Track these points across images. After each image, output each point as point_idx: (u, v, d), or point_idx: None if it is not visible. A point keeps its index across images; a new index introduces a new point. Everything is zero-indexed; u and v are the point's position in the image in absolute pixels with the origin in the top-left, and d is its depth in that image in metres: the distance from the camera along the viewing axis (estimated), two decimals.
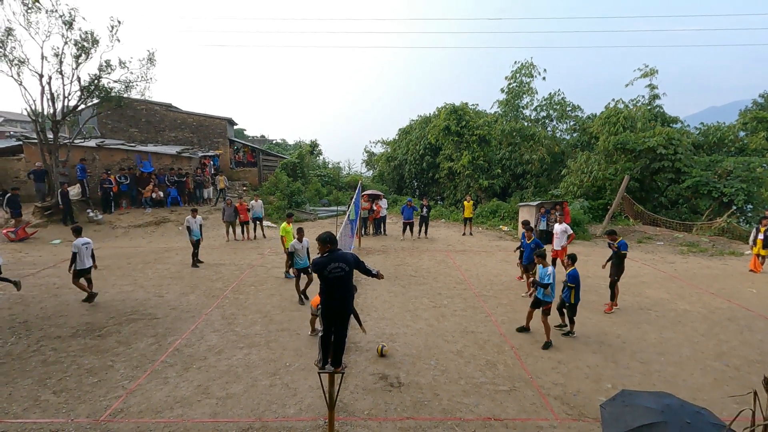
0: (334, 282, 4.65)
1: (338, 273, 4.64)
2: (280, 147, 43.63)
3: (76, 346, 7.24)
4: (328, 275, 4.65)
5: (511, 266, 12.68)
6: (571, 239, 11.23)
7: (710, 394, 6.03)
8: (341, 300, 4.71)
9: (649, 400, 3.84)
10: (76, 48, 15.49)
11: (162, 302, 9.30)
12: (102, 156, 18.91)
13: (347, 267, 4.68)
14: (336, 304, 4.70)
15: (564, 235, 11.13)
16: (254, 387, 6.06)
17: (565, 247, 11.15)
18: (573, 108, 28.05)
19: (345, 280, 4.67)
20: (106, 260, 12.61)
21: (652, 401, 3.78)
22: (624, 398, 3.95)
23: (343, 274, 4.66)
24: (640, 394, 4.06)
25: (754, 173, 18.39)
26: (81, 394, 5.84)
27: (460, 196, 24.70)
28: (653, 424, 3.33)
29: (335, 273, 4.63)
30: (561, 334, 7.87)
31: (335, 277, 4.64)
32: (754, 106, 35.35)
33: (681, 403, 3.68)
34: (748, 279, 11.59)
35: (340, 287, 4.68)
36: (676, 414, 3.45)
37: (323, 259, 4.71)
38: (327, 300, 4.73)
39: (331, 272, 4.63)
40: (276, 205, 20.44)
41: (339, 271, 4.64)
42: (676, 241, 16.28)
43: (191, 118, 24.18)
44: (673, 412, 3.46)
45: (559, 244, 11.18)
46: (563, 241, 11.12)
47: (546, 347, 7.33)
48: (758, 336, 7.95)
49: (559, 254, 11.12)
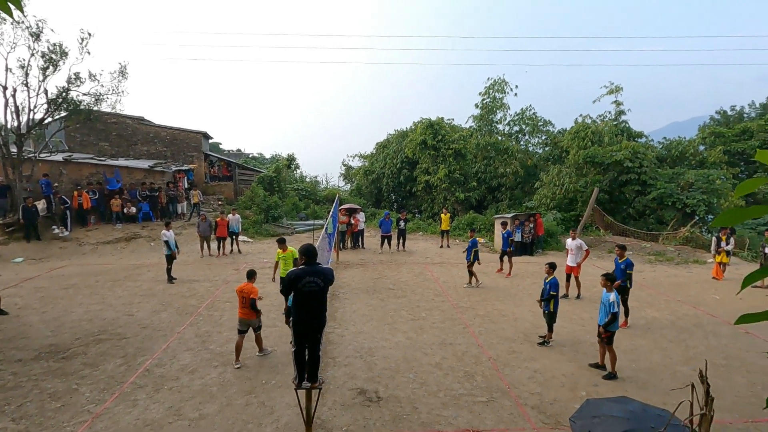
0: (308, 296, 4.61)
1: (312, 287, 4.59)
2: (257, 161, 43.18)
3: (39, 369, 6.88)
4: (302, 288, 4.60)
5: (488, 277, 12.84)
6: (586, 255, 10.72)
7: (680, 399, 6.21)
8: (313, 315, 4.64)
9: (613, 409, 4.03)
10: (44, 60, 15.07)
11: (132, 321, 8.97)
12: (69, 170, 18.25)
13: (322, 282, 4.63)
14: (308, 317, 4.64)
15: (579, 252, 10.60)
16: (229, 406, 5.89)
17: (579, 264, 10.70)
18: (544, 123, 28.97)
19: (318, 295, 4.63)
20: (73, 278, 12.10)
21: (616, 409, 3.98)
22: (590, 409, 4.12)
23: (317, 289, 4.61)
24: (603, 402, 4.28)
25: (714, 185, 19.38)
26: (43, 420, 5.54)
27: (437, 209, 24.96)
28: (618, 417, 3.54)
29: (309, 287, 4.59)
30: (537, 344, 7.98)
31: (309, 291, 4.59)
32: (712, 122, 37.46)
33: (643, 407, 3.92)
34: (712, 286, 12.10)
35: (313, 301, 4.62)
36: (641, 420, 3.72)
37: (299, 271, 4.67)
38: (298, 313, 4.67)
39: (305, 285, 4.59)
40: (253, 219, 20.15)
41: (313, 286, 4.59)
42: (644, 250, 16.87)
43: (165, 131, 23.71)
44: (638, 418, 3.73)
45: (575, 261, 10.63)
46: (578, 258, 10.61)
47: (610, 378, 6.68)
48: (723, 341, 8.28)
49: (574, 270, 10.70)
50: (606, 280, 6.97)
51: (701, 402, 3.34)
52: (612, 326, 6.65)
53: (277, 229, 20.25)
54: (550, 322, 7.87)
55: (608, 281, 6.95)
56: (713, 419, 3.31)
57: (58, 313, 9.36)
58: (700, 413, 3.29)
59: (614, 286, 9.30)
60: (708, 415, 3.25)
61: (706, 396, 3.29)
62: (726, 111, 37.68)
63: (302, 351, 4.78)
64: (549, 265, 8.00)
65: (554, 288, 7.69)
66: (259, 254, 15.70)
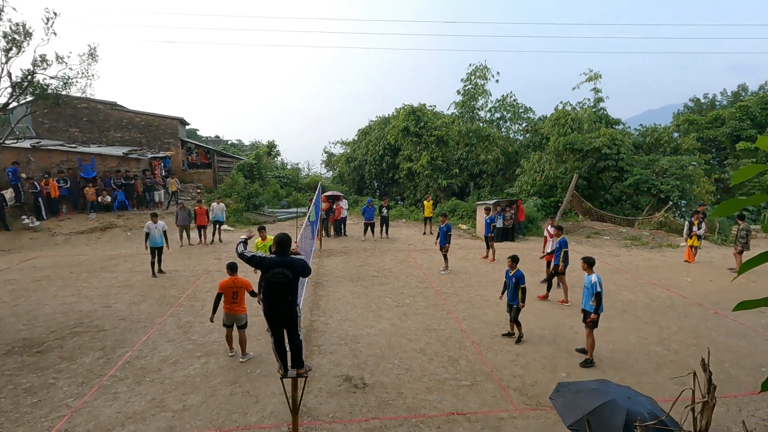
0: (275, 287, 4.57)
1: (280, 278, 4.54)
2: (236, 148, 42.30)
3: (12, 364, 6.67)
4: (269, 278, 4.57)
5: (471, 263, 13.01)
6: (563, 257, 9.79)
7: (654, 378, 6.47)
8: (280, 304, 4.60)
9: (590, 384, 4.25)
10: (6, 41, 14.23)
11: (110, 313, 8.75)
12: (38, 158, 17.51)
13: (291, 274, 4.57)
14: (274, 306, 4.61)
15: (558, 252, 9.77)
16: (213, 397, 5.84)
17: None
18: (525, 110, 29.21)
19: (286, 286, 4.58)
20: (45, 270, 11.70)
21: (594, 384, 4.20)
22: (568, 387, 4.31)
23: (286, 281, 4.56)
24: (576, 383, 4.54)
25: (686, 171, 19.97)
26: (18, 416, 5.38)
27: (419, 195, 25.03)
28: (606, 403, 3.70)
29: (276, 278, 4.55)
30: (515, 342, 7.60)
31: (276, 282, 4.56)
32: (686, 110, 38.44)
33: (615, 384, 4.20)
34: (684, 269, 12.56)
35: (280, 292, 4.58)
36: (617, 391, 4.00)
37: (271, 260, 4.62)
38: (267, 303, 4.65)
39: (273, 276, 4.55)
40: (233, 207, 19.80)
41: (281, 277, 4.54)
42: (620, 235, 17.34)
43: (139, 117, 22.90)
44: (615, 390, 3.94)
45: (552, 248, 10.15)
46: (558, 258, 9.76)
47: (586, 365, 6.74)
48: (694, 321, 8.63)
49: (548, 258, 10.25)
50: (585, 264, 6.97)
51: (703, 390, 3.35)
52: (599, 309, 6.65)
53: (259, 217, 19.96)
54: (516, 316, 7.53)
55: (587, 264, 6.95)
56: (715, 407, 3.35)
57: (30, 306, 9.05)
58: (702, 401, 3.30)
59: (559, 269, 9.64)
60: (710, 403, 3.26)
61: (708, 384, 3.29)
62: (699, 99, 38.72)
63: (280, 340, 4.74)
64: (512, 258, 7.68)
65: (521, 281, 7.41)
66: None
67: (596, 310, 6.64)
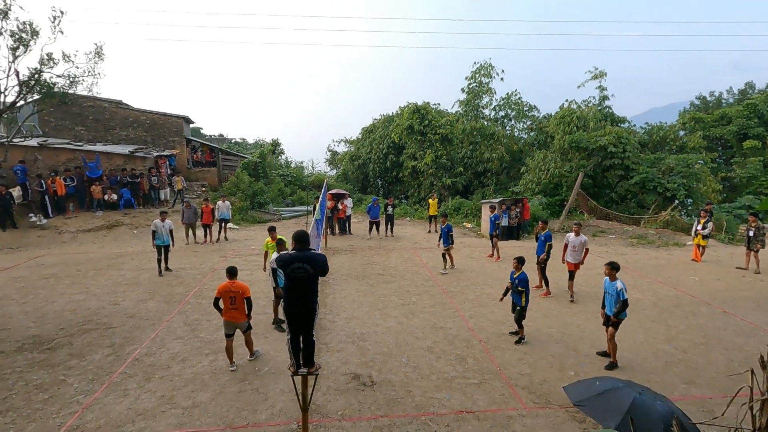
0: (295, 281, 4.59)
1: (300, 273, 4.56)
2: (240, 146, 42.36)
3: (23, 361, 6.72)
4: (290, 273, 4.58)
5: (476, 262, 12.99)
6: (586, 254, 9.64)
7: (662, 376, 6.45)
8: (300, 299, 4.62)
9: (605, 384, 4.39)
10: (13, 39, 14.30)
11: (118, 310, 8.80)
12: (45, 156, 17.59)
13: (311, 269, 4.59)
14: (295, 302, 4.63)
15: (582, 248, 9.55)
16: (222, 394, 5.87)
17: (580, 263, 9.68)
18: (530, 108, 29.07)
19: (307, 281, 4.59)
20: (53, 268, 11.78)
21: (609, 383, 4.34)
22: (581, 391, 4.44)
23: (306, 276, 4.57)
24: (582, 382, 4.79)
25: (693, 169, 19.85)
26: (30, 413, 5.43)
27: (424, 194, 25.00)
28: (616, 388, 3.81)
29: (297, 273, 4.56)
30: (514, 342, 7.53)
31: (297, 277, 4.57)
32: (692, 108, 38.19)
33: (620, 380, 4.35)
34: (691, 268, 12.49)
35: (301, 287, 4.60)
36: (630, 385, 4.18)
37: (289, 255, 4.64)
38: (287, 297, 4.67)
39: (293, 271, 4.57)
40: (238, 205, 19.85)
41: (302, 272, 4.56)
42: (626, 234, 17.26)
43: (144, 115, 22.97)
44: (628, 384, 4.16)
45: (575, 258, 9.62)
46: (580, 255, 9.57)
47: (611, 368, 6.63)
48: (701, 320, 8.59)
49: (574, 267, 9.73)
50: (610, 269, 6.70)
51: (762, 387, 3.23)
52: (622, 314, 6.59)
53: (264, 215, 20.00)
54: (519, 318, 7.39)
55: (612, 270, 6.69)
56: None
57: (39, 304, 9.12)
58: (762, 398, 3.17)
59: (540, 260, 9.91)
60: None
61: None
62: (705, 97, 38.47)
63: (297, 338, 4.76)
64: (518, 260, 7.57)
65: (523, 284, 7.28)
66: (245, 241, 15.53)
67: (618, 314, 6.58)
